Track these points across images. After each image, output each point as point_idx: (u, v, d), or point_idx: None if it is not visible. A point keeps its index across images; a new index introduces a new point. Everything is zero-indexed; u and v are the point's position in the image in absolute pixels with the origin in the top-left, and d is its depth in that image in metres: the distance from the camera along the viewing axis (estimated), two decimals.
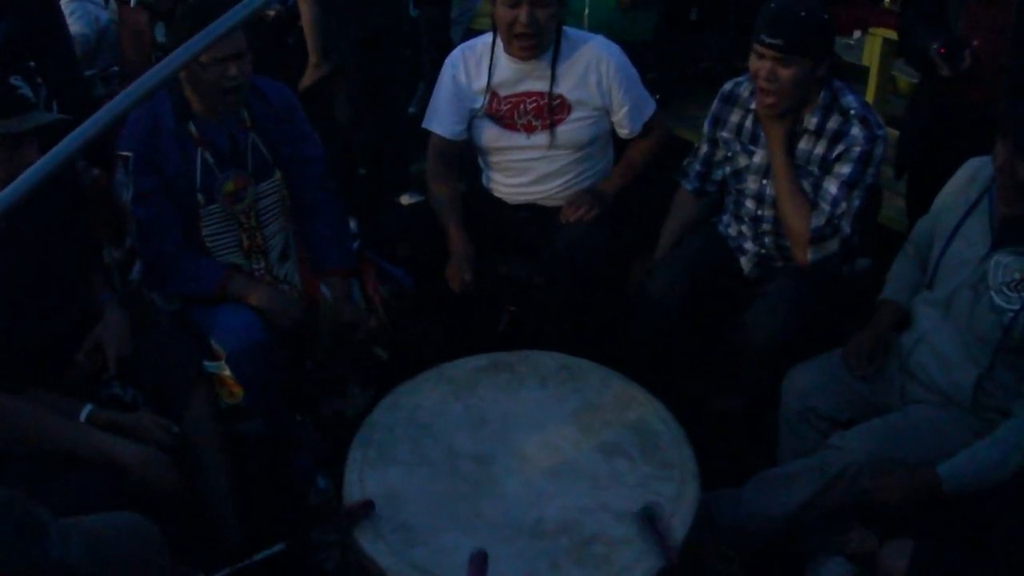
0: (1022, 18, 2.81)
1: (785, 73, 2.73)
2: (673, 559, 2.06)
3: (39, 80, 3.45)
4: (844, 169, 2.79)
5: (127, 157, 2.81)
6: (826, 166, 2.83)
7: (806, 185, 2.87)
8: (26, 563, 1.27)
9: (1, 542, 1.27)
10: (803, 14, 2.70)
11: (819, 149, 2.84)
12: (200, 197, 2.87)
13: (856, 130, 2.77)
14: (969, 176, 2.62)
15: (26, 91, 2.38)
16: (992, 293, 2.41)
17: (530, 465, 2.36)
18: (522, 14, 3.03)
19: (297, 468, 2.94)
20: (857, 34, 4.97)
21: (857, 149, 2.77)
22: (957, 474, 2.31)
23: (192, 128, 2.85)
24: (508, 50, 3.18)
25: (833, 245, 2.84)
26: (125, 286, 2.99)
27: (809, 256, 2.84)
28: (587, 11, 3.94)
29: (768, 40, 2.71)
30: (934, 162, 3.13)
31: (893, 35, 4.00)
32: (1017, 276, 2.38)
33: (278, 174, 3.01)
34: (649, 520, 2.13)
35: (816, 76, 2.78)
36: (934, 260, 2.62)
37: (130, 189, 2.82)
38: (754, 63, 2.79)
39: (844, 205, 2.80)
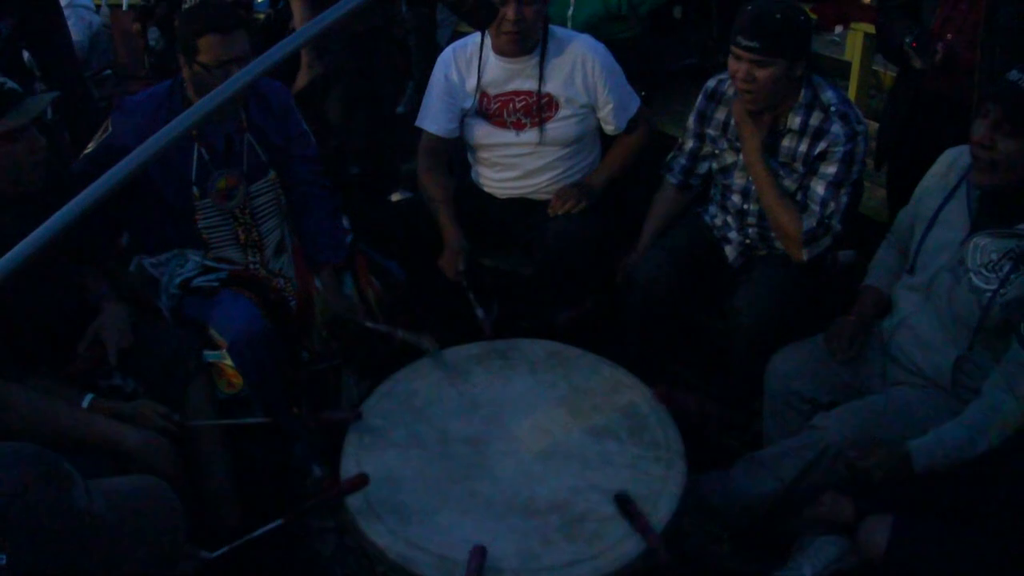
0: (991, 13, 2.89)
1: (762, 74, 2.79)
2: (654, 542, 2.11)
3: (37, 77, 3.51)
4: (830, 169, 2.85)
5: (106, 127, 2.88)
6: (810, 163, 2.89)
7: (791, 183, 2.94)
8: (55, 511, 1.33)
9: (31, 490, 1.32)
10: (779, 16, 2.76)
11: (803, 146, 2.90)
12: (195, 190, 2.93)
13: (837, 127, 2.84)
14: (947, 164, 2.68)
15: (10, 84, 2.43)
16: (971, 275, 2.47)
17: (522, 447, 2.42)
18: (509, 11, 3.10)
19: (294, 457, 2.99)
20: (839, 29, 5.03)
21: (840, 148, 2.83)
22: (926, 452, 2.36)
23: None
24: (497, 46, 3.25)
25: (826, 241, 2.92)
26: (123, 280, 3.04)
27: (805, 255, 2.91)
28: (571, 11, 4.00)
29: (745, 42, 2.77)
30: (913, 153, 3.20)
31: (874, 30, 4.07)
32: (994, 256, 2.44)
33: (272, 174, 3.08)
34: (624, 506, 2.18)
35: (794, 75, 2.84)
36: (915, 246, 2.69)
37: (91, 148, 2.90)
38: (732, 64, 2.85)
39: (833, 204, 2.86)
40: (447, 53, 3.41)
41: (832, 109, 2.86)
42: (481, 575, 2.03)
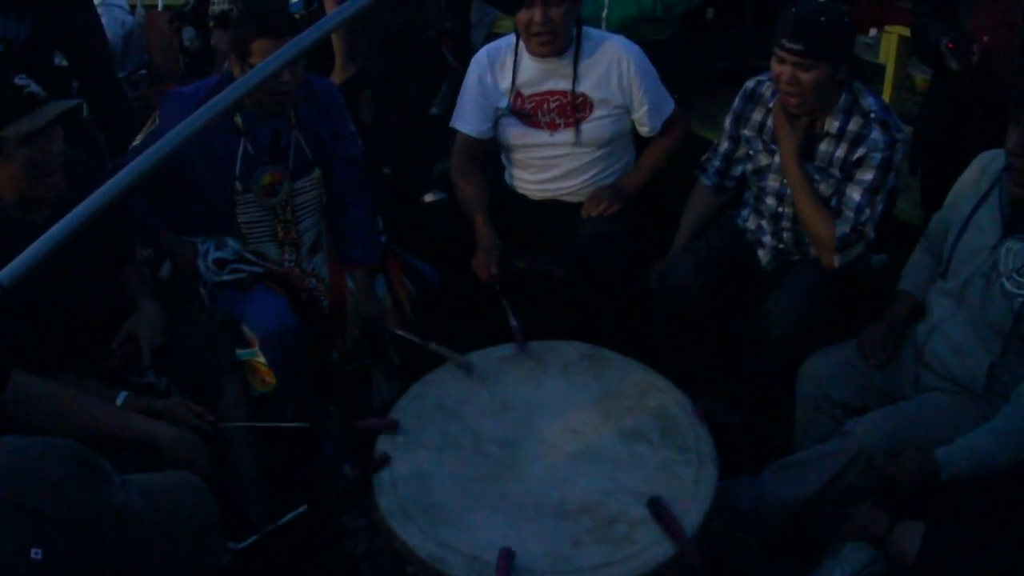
0: None
1: (806, 77, 2.77)
2: (686, 547, 2.11)
3: (72, 76, 3.53)
4: (867, 176, 2.83)
5: (154, 119, 2.92)
6: (847, 169, 2.87)
7: (826, 188, 2.92)
8: (90, 505, 1.34)
9: (67, 484, 1.34)
10: (823, 19, 2.75)
11: (840, 152, 2.89)
12: (238, 185, 2.96)
13: (877, 134, 2.82)
14: (980, 168, 2.66)
15: (32, 88, 2.40)
16: (1003, 280, 2.46)
17: (553, 449, 2.42)
18: (537, 14, 3.11)
19: (324, 455, 3.01)
20: (873, 32, 4.99)
21: (878, 155, 2.81)
22: (955, 461, 2.34)
23: (238, 119, 2.92)
24: (529, 49, 3.25)
25: (859, 248, 2.89)
26: (156, 283, 3.07)
27: (836, 261, 2.89)
28: (605, 13, 4.00)
29: (789, 45, 2.75)
30: (948, 156, 3.17)
31: (909, 33, 4.04)
32: None
33: (317, 172, 3.10)
34: (657, 511, 2.18)
35: (836, 79, 2.83)
36: (947, 251, 2.67)
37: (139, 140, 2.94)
38: (776, 67, 2.84)
39: (868, 211, 2.84)
40: (481, 54, 3.42)
41: (872, 115, 2.84)
42: None
